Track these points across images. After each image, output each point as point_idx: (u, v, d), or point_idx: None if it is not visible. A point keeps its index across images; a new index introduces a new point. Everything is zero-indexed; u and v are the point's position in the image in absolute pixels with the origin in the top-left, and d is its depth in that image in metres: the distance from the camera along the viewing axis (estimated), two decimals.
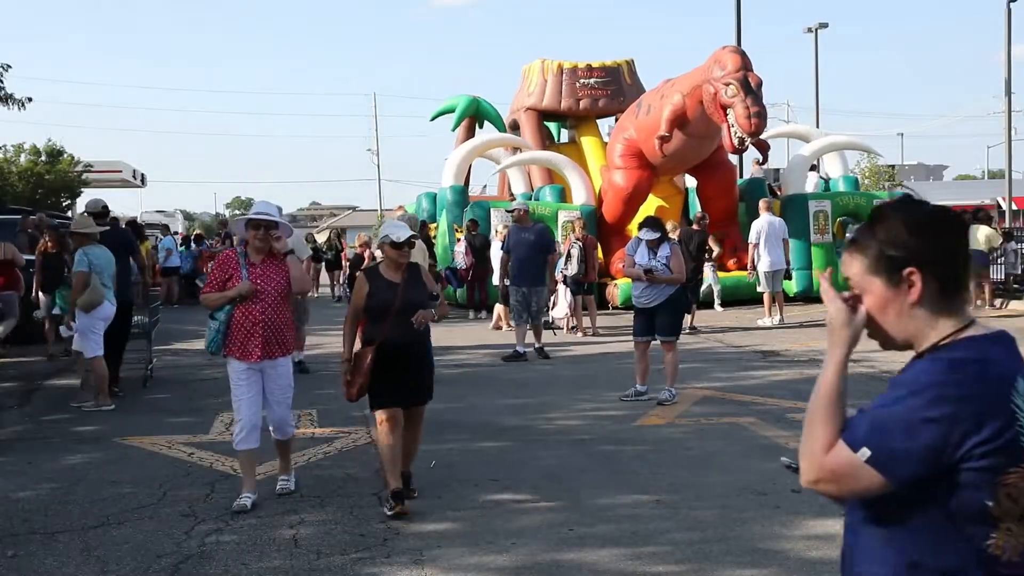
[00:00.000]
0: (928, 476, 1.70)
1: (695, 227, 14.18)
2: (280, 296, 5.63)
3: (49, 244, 11.51)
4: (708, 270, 15.85)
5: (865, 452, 1.72)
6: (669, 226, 10.74)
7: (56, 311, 11.28)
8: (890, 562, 1.78)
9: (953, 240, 1.81)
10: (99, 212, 9.66)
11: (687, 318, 12.42)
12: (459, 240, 16.82)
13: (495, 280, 14.38)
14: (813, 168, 20.34)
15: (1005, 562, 1.74)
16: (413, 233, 5.73)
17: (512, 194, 20.70)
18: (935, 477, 1.71)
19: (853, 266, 1.85)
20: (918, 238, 1.79)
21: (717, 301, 16.39)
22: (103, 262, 8.75)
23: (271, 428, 5.82)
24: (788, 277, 16.16)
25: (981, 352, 1.75)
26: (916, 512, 1.75)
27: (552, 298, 13.74)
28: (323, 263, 23.55)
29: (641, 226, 8.86)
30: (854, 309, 1.85)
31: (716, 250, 15.20)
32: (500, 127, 21.99)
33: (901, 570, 1.78)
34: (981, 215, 16.94)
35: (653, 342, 8.67)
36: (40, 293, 11.70)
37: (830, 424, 1.78)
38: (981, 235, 15.88)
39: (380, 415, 5.51)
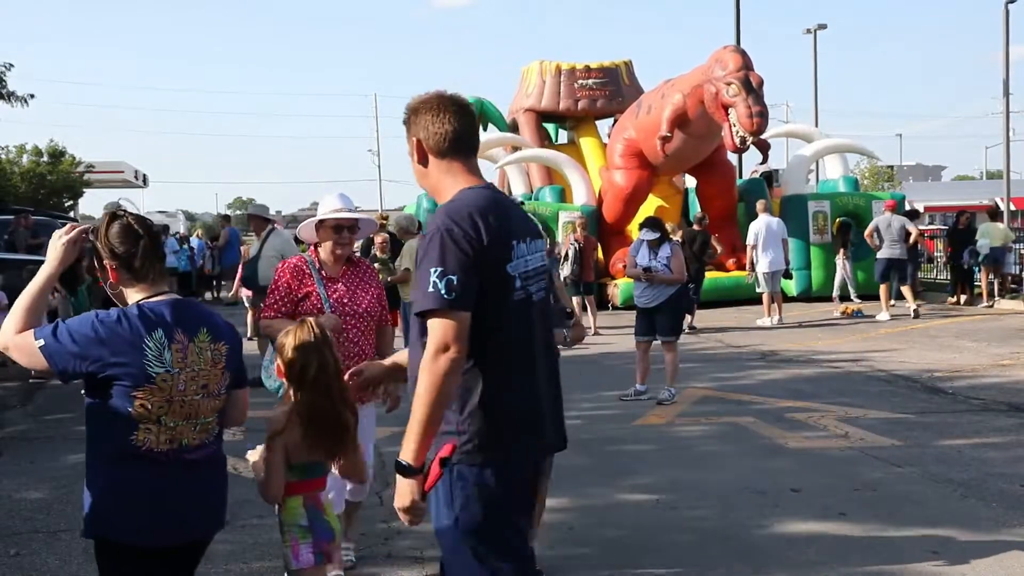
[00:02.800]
0: (85, 378, 2.61)
1: (696, 227, 14.21)
2: (372, 319, 4.30)
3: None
4: (840, 260, 16.54)
5: (41, 342, 2.60)
6: (670, 227, 10.78)
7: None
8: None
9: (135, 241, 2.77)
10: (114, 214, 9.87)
11: (687, 318, 12.46)
12: None
13: None
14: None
15: (147, 451, 2.66)
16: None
17: (512, 194, 20.72)
18: (93, 384, 2.62)
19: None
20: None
21: (853, 294, 16.48)
22: None
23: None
24: (788, 277, 16.19)
25: (136, 310, 2.67)
26: (96, 407, 2.65)
27: None
28: None
29: (641, 226, 8.90)
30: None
31: (719, 250, 15.23)
32: (503, 128, 21.98)
33: (90, 455, 2.75)
34: (997, 213, 17.64)
35: (654, 342, 8.71)
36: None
37: (27, 317, 2.66)
38: (998, 232, 16.16)
39: None
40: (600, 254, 16.52)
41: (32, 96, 17.04)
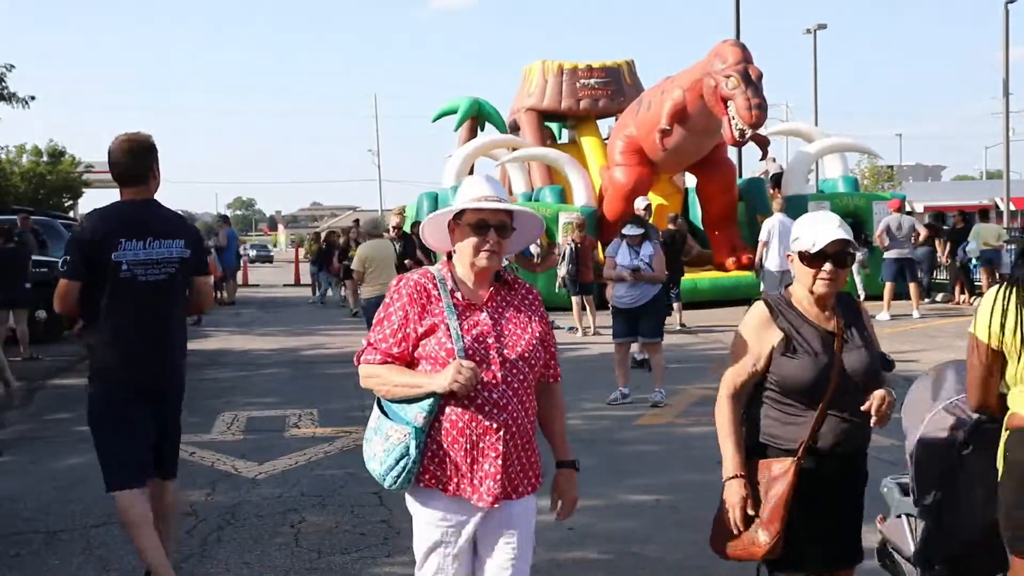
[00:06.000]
0: None
1: (671, 226, 14.13)
2: (532, 369, 2.82)
3: None
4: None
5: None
6: (671, 216, 10.77)
7: None
8: None
9: None
10: None
11: (675, 316, 12.49)
12: None
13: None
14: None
15: None
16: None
17: (512, 194, 20.71)
18: None
19: None
20: None
21: (862, 295, 16.42)
22: None
23: None
24: None
25: None
26: None
27: None
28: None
29: (625, 223, 8.86)
30: None
31: (696, 249, 15.22)
32: (502, 129, 21.99)
33: None
34: (989, 214, 17.46)
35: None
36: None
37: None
38: (990, 232, 16.16)
39: None
40: (600, 254, 16.53)
41: (33, 98, 17.06)
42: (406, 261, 12.40)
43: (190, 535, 5.09)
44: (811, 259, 2.92)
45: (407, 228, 14.45)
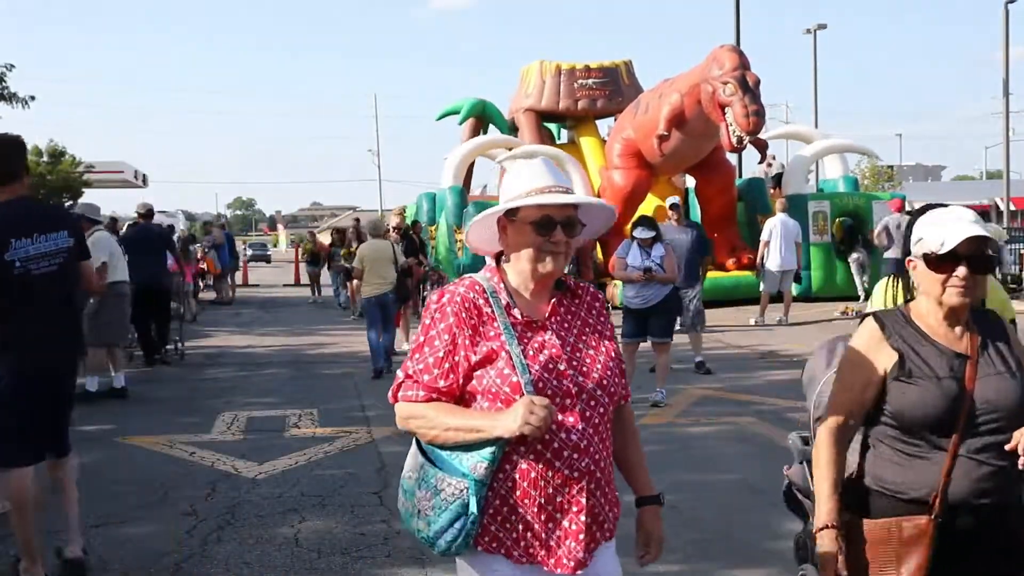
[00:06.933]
0: None
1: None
2: (610, 400, 2.30)
3: None
4: (854, 262, 16.71)
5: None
6: (671, 212, 10.71)
7: None
8: None
9: None
10: (146, 213, 11.96)
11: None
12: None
13: None
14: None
15: None
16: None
17: None
18: None
19: None
20: None
21: (863, 295, 16.41)
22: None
23: None
24: (798, 280, 16.13)
25: None
26: None
27: None
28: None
29: (635, 225, 8.86)
30: None
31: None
32: (504, 130, 21.98)
33: None
34: (989, 214, 17.40)
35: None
36: None
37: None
38: (991, 233, 16.17)
39: None
40: (599, 254, 16.54)
41: (33, 98, 17.03)
42: (407, 259, 12.42)
43: (190, 535, 5.08)
44: (938, 262, 2.38)
45: (407, 229, 14.47)
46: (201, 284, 22.19)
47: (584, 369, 2.23)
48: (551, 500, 2.17)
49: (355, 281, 12.73)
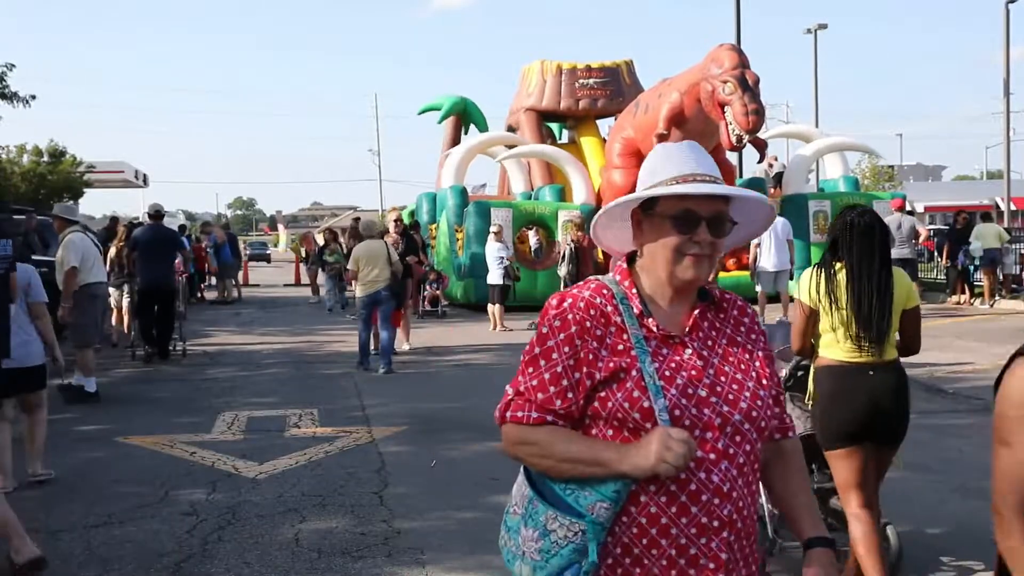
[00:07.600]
0: None
1: None
2: (761, 432, 1.89)
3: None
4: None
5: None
6: None
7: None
8: None
9: None
10: (156, 214, 12.21)
11: None
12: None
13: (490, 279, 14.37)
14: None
15: None
16: None
17: (511, 193, 20.73)
18: None
19: None
20: None
21: None
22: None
23: None
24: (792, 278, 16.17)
25: None
26: None
27: None
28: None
29: None
30: None
31: None
32: (483, 129, 22.04)
33: None
34: (989, 215, 17.52)
35: None
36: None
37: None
38: (991, 233, 16.17)
39: None
40: (600, 254, 16.55)
41: (34, 97, 17.06)
42: (408, 258, 12.44)
43: (190, 535, 5.09)
44: None
45: (407, 228, 14.49)
46: (202, 285, 22.21)
47: (730, 397, 1.84)
48: (683, 552, 1.77)
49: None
